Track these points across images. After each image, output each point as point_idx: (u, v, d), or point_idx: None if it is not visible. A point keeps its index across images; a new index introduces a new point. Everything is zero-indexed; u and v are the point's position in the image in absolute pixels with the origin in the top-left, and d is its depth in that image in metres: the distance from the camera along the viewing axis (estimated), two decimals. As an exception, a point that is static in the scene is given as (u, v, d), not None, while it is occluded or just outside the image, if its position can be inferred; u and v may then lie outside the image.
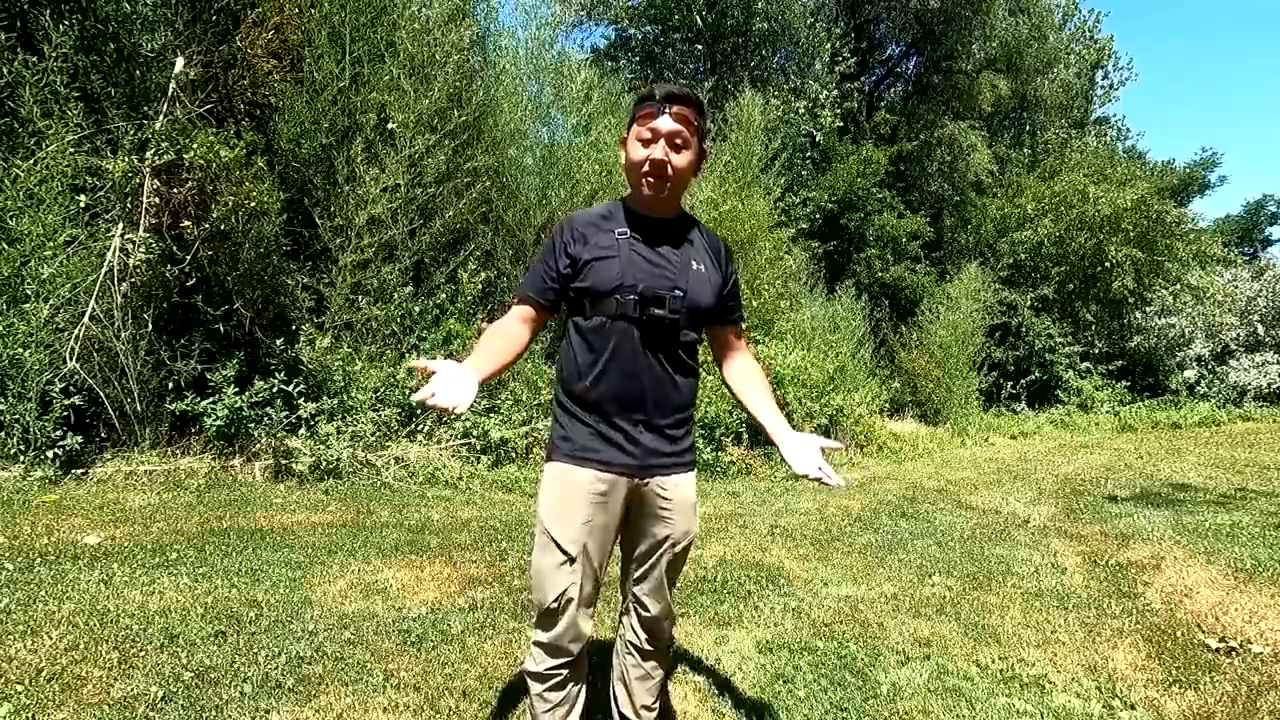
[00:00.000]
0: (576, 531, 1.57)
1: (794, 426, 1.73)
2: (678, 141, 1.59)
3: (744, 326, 1.83)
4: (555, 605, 1.58)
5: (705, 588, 3.41)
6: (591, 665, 1.77)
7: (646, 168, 1.58)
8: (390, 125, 6.47)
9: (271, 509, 4.55)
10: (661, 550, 1.68)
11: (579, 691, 1.68)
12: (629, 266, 1.60)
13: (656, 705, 1.85)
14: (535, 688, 1.65)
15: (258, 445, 5.44)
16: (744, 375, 1.79)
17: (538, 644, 1.63)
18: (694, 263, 1.66)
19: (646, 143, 1.59)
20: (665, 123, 1.57)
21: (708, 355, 1.91)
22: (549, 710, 1.63)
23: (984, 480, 7.17)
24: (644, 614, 1.74)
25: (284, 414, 5.49)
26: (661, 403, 1.63)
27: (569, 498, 1.59)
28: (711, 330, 1.79)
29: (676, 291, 1.61)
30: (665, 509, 1.66)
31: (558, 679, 1.62)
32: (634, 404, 1.60)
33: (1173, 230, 15.08)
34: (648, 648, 1.78)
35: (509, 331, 1.64)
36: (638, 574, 1.73)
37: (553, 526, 1.58)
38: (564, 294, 1.65)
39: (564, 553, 1.57)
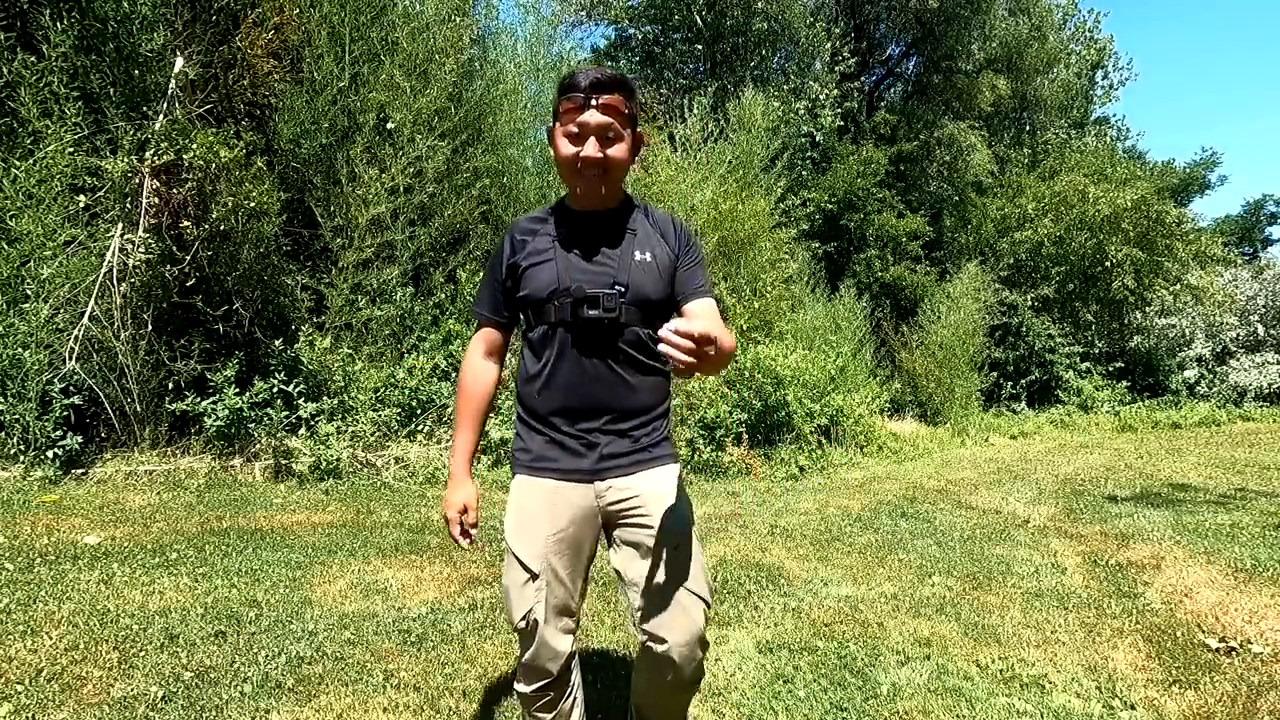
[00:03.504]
0: (539, 546, 1.50)
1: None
2: (609, 135, 1.47)
3: (715, 297, 1.63)
4: (524, 625, 1.50)
5: (705, 588, 3.40)
6: (589, 666, 1.73)
7: (579, 165, 1.47)
8: (389, 125, 6.47)
9: (271, 509, 4.55)
10: (650, 559, 1.48)
11: (571, 705, 1.60)
12: (564, 269, 1.51)
13: None
14: (525, 708, 1.60)
15: (258, 445, 5.44)
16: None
17: (520, 664, 1.56)
18: (637, 252, 1.54)
19: (575, 138, 1.47)
20: (593, 116, 1.44)
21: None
22: None
23: (984, 480, 7.17)
24: (658, 649, 1.47)
25: (284, 414, 5.49)
26: (615, 407, 1.52)
27: (530, 511, 1.53)
28: (681, 312, 1.57)
29: (617, 287, 1.49)
30: (635, 509, 1.50)
31: (545, 700, 1.56)
32: (583, 413, 1.52)
33: (1173, 230, 15.09)
34: (667, 686, 1.52)
35: (476, 378, 1.63)
36: (640, 604, 1.49)
37: (514, 542, 1.52)
38: (515, 306, 1.59)
39: (526, 570, 1.49)
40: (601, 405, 1.52)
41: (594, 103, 1.44)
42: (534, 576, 1.49)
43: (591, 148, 1.46)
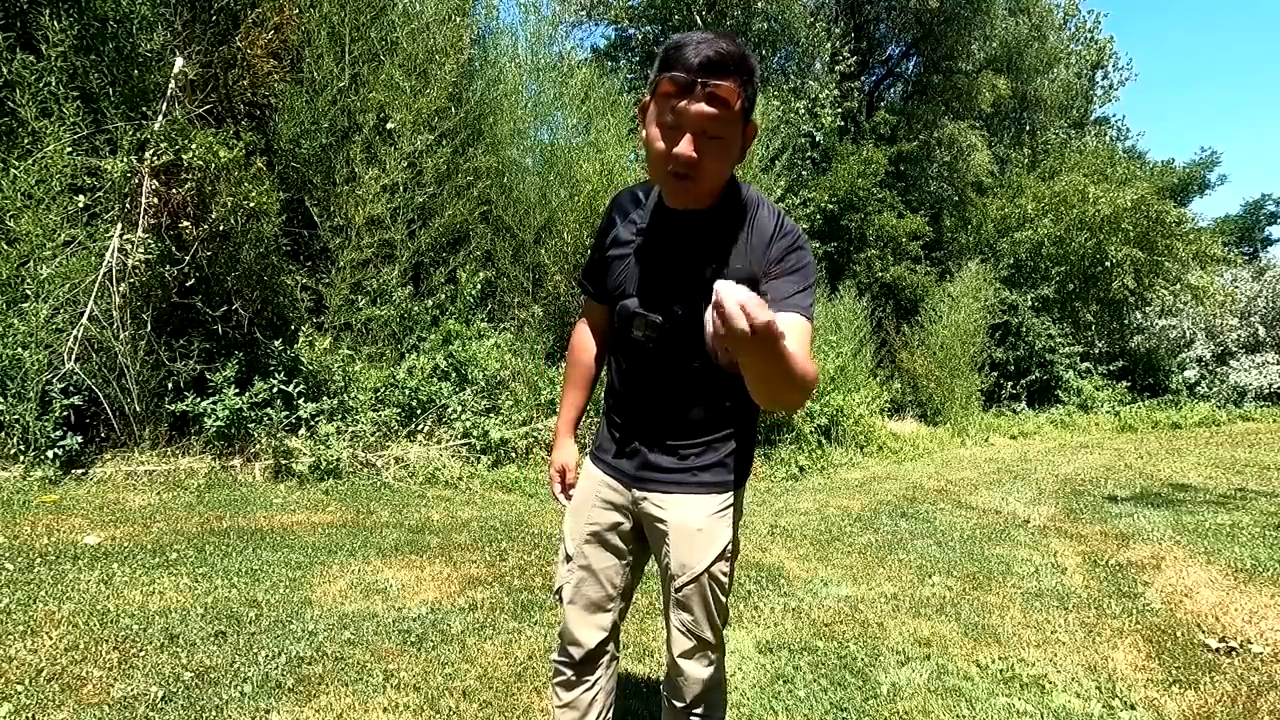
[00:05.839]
0: (579, 531, 1.51)
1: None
2: (712, 132, 1.17)
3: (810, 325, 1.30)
4: (556, 595, 1.56)
5: (705, 588, 3.40)
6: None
7: (669, 165, 1.20)
8: (389, 125, 6.47)
9: (271, 509, 4.55)
10: (667, 585, 1.46)
11: (590, 702, 1.55)
12: (630, 275, 1.38)
13: None
14: (551, 677, 1.62)
15: (258, 445, 5.44)
16: None
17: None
18: (709, 270, 1.31)
19: (670, 130, 1.18)
20: (696, 107, 1.14)
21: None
22: (560, 708, 1.58)
23: (984, 480, 7.17)
24: (667, 661, 1.51)
25: (284, 414, 5.49)
26: (666, 421, 1.42)
27: (579, 497, 1.55)
28: None
29: (676, 310, 1.31)
30: (661, 533, 1.43)
31: (562, 677, 1.57)
32: (635, 416, 1.46)
33: (1173, 230, 15.10)
34: (675, 704, 1.50)
35: (576, 348, 1.63)
36: (666, 639, 1.52)
37: (566, 520, 1.56)
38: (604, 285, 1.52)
39: (565, 548, 1.55)
40: (652, 415, 1.43)
41: (700, 89, 1.13)
42: (568, 558, 1.54)
43: (685, 146, 1.17)
